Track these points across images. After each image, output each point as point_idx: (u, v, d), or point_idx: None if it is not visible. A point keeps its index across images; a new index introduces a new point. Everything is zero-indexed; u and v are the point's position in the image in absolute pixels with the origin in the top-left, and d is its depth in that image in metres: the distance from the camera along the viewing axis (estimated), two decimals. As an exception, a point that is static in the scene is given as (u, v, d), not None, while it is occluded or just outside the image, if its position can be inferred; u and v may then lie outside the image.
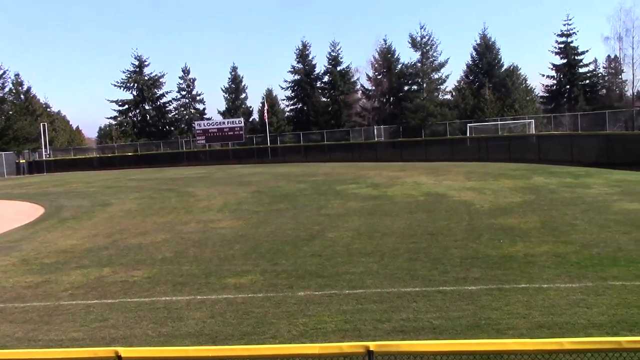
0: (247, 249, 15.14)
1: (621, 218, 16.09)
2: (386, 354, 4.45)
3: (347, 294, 10.55)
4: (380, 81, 69.25)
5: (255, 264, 13.33)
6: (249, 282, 11.78)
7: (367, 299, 10.15)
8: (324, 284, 11.27)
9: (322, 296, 10.51)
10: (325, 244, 15.14)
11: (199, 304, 10.51)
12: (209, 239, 16.81)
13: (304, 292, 10.85)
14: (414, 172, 34.04)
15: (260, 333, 8.84)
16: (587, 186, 23.19)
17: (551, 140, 41.21)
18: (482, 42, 68.15)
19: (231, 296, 10.88)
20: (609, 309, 8.89)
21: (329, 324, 9.06)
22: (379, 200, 22.70)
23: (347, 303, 10.02)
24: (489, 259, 12.41)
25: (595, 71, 69.61)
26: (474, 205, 20.08)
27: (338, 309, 9.72)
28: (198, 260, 14.20)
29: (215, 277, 12.41)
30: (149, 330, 9.32)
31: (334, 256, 13.63)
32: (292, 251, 14.48)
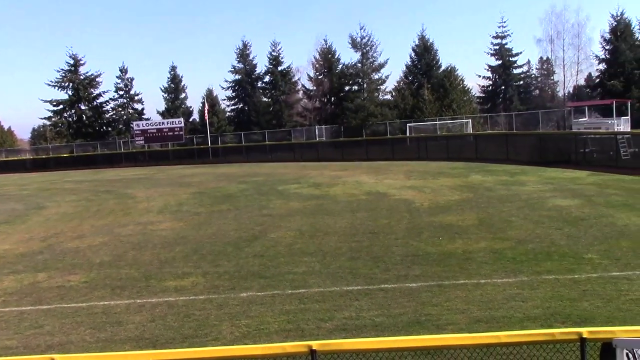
0: (188, 250, 14.94)
1: (554, 214, 16.65)
2: (329, 352, 4.47)
3: (289, 294, 10.55)
4: (321, 81, 69.51)
5: (197, 266, 13.17)
6: (190, 285, 11.63)
7: (310, 299, 10.18)
8: (267, 285, 11.24)
9: (264, 297, 10.47)
10: (268, 244, 15.09)
11: (139, 308, 10.31)
12: (149, 242, 16.51)
13: (246, 293, 10.79)
14: (355, 172, 34.31)
15: (202, 335, 8.74)
16: (522, 184, 23.89)
17: (488, 140, 42.26)
18: (421, 43, 69.29)
19: (172, 299, 10.71)
20: (543, 302, 9.19)
21: (272, 324, 9.04)
22: (321, 200, 22.78)
23: (290, 303, 10.02)
24: (429, 256, 12.64)
25: (528, 72, 71.88)
26: (414, 203, 20.39)
27: (281, 309, 9.70)
28: (137, 263, 13.92)
29: (155, 280, 12.19)
30: (87, 336, 9.09)
31: (276, 256, 13.60)
32: (234, 252, 14.37)
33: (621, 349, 3.95)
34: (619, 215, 15.94)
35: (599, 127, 41.27)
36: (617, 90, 61.40)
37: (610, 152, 29.83)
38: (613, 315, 8.40)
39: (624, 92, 60.71)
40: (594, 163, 29.77)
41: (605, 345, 4.15)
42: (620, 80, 63.40)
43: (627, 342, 3.95)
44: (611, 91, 61.46)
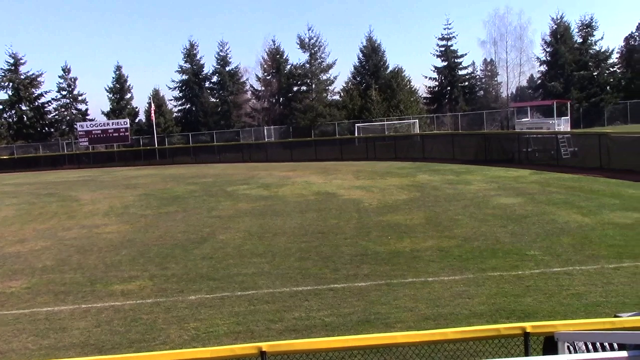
0: (135, 254, 14.67)
1: (499, 212, 17.04)
2: (279, 353, 4.46)
3: (239, 295, 10.49)
4: (269, 82, 69.31)
5: (144, 269, 12.94)
6: (137, 288, 11.42)
7: (260, 300, 10.14)
8: (216, 287, 11.14)
9: (213, 299, 10.38)
10: (216, 246, 14.96)
11: (84, 313, 10.07)
12: (94, 245, 16.13)
13: (195, 295, 10.67)
14: (304, 172, 34.34)
15: (150, 340, 8.60)
16: (467, 183, 24.36)
17: (434, 140, 42.94)
18: (369, 44, 69.86)
19: (118, 303, 10.50)
20: (489, 299, 9.40)
21: (221, 326, 8.97)
22: (270, 201, 22.72)
23: (239, 305, 9.96)
24: (378, 256, 12.76)
25: (473, 73, 73.32)
26: (362, 203, 20.55)
27: (230, 311, 9.64)
28: (82, 267, 13.59)
29: (101, 284, 11.93)
30: (29, 343, 8.82)
31: (225, 258, 13.50)
32: (182, 255, 14.20)
33: (562, 342, 4.07)
34: (560, 212, 16.43)
35: (541, 127, 42.45)
36: (557, 91, 63.30)
37: (552, 151, 30.74)
38: (555, 310, 8.65)
39: (563, 93, 62.63)
40: (536, 162, 30.62)
41: (548, 339, 4.27)
42: (560, 81, 65.37)
43: (568, 336, 4.07)
44: (552, 92, 63.32)
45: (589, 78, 65.84)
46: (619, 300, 8.81)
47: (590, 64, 67.42)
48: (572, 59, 66.03)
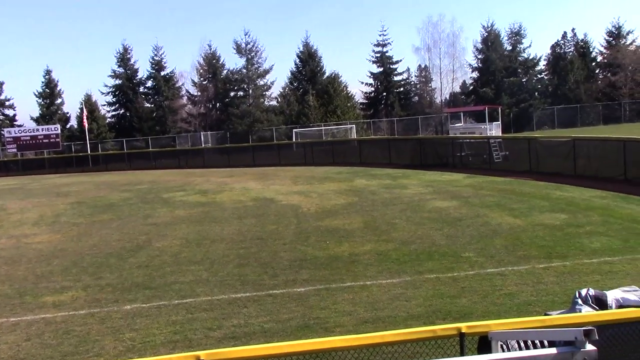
0: (67, 263, 14.22)
1: (434, 215, 17.38)
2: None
3: (176, 304, 10.31)
4: (205, 87, 68.67)
5: (77, 279, 12.56)
6: (69, 299, 11.07)
7: (198, 308, 10.00)
8: (152, 296, 10.92)
9: (150, 308, 10.17)
10: (153, 254, 14.67)
11: (13, 327, 9.68)
12: (23, 256, 15.55)
13: (130, 305, 10.43)
14: (242, 178, 34.12)
15: (83, 352, 8.35)
16: (404, 187, 24.74)
17: (371, 144, 43.45)
18: (305, 50, 70.17)
19: (50, 315, 10.15)
20: (426, 301, 9.56)
21: (158, 336, 8.79)
22: (208, 207, 22.46)
23: (176, 313, 9.79)
24: (317, 260, 12.79)
25: (408, 79, 74.71)
26: (301, 208, 20.58)
27: (167, 320, 9.46)
28: (11, 279, 13.07)
29: (30, 296, 11.50)
30: (-47, 360, 8.42)
31: (162, 266, 13.26)
32: (117, 263, 13.85)
33: (496, 341, 4.18)
34: (493, 215, 16.90)
35: (474, 131, 43.57)
36: (489, 97, 65.21)
37: (484, 155, 31.60)
38: (489, 310, 8.88)
39: (495, 98, 64.55)
40: (470, 166, 31.39)
41: (482, 339, 4.38)
42: (491, 87, 67.40)
43: (501, 335, 4.18)
44: (484, 98, 65.18)
45: (519, 84, 68.14)
46: (549, 299, 9.12)
47: (519, 70, 69.83)
48: (502, 66, 68.18)
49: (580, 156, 24.42)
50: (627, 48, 71.20)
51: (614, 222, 14.78)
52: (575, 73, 68.73)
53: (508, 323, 4.29)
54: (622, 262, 11.09)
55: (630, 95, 67.44)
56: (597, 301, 4.53)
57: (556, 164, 25.62)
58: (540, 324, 4.16)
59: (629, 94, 67.40)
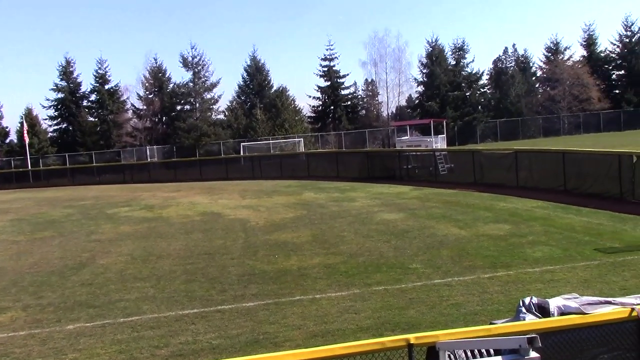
0: (5, 283, 13.71)
1: (382, 228, 17.53)
2: (163, 380, 4.31)
3: (121, 322, 10.07)
4: (151, 100, 67.78)
5: (16, 299, 12.12)
6: (8, 320, 10.66)
7: (144, 326, 9.79)
8: (96, 314, 10.63)
9: (94, 327, 9.89)
10: (97, 271, 14.31)
11: (-52, 350, 9.26)
12: (-41, 276, 14.92)
13: (73, 325, 10.12)
14: (189, 192, 33.71)
15: (24, 375, 8.05)
16: (352, 200, 24.89)
17: (319, 158, 43.64)
18: (253, 63, 70.14)
19: (-13, 337, 9.75)
20: (374, 313, 9.61)
21: (103, 356, 8.56)
22: (154, 222, 22.08)
23: (122, 332, 9.55)
24: (266, 275, 12.72)
25: (355, 93, 75.53)
26: (249, 222, 20.45)
27: (112, 339, 9.22)
28: (-55, 300, 12.51)
29: (-33, 317, 11.03)
30: None
31: (106, 284, 12.93)
32: (59, 282, 13.44)
33: (444, 351, 4.23)
34: (439, 226, 17.16)
35: (420, 144, 44.28)
36: (434, 110, 66.48)
37: (430, 167, 32.11)
38: (436, 320, 8.99)
39: (440, 112, 65.89)
40: (416, 178, 31.84)
41: (430, 349, 4.42)
42: (436, 101, 68.74)
43: (448, 345, 4.24)
44: (429, 111, 66.44)
45: (463, 98, 69.73)
46: (494, 308, 9.29)
47: (463, 84, 71.50)
48: (446, 80, 69.68)
49: (522, 168, 25.07)
50: (565, 63, 73.82)
51: (555, 232, 15.21)
52: (517, 87, 70.82)
53: (455, 333, 4.34)
54: (562, 270, 11.41)
55: (568, 109, 69.84)
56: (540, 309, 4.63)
57: (499, 175, 26.24)
58: (486, 333, 4.23)
59: (567, 107, 69.79)
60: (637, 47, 73.83)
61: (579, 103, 69.32)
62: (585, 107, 69.21)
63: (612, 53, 76.62)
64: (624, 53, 74.51)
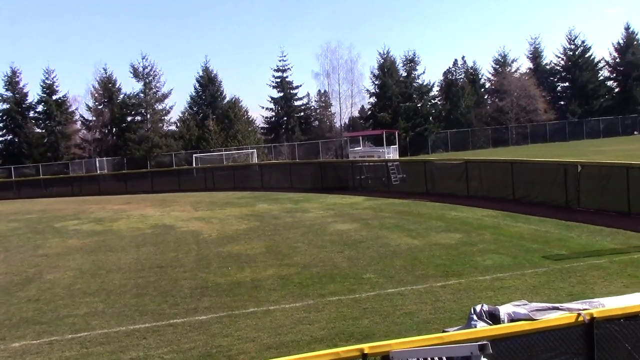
0: (-54, 300, 13.20)
1: (336, 238, 17.57)
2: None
3: (70, 338, 9.79)
4: (101, 111, 66.53)
5: (-42, 317, 11.67)
6: (-51, 339, 10.25)
7: (93, 342, 9.54)
8: (43, 331, 10.32)
9: (40, 344, 9.60)
10: (43, 286, 13.90)
11: None
12: None
13: (19, 342, 9.80)
14: (140, 205, 33.15)
15: (-35, 396, 7.75)
16: (305, 210, 24.89)
17: (272, 169, 43.50)
18: (205, 74, 69.66)
19: None
20: (328, 323, 9.60)
21: (50, 374, 8.30)
22: (104, 236, 21.63)
23: (70, 349, 9.29)
24: (219, 287, 12.58)
25: (308, 104, 75.82)
26: (202, 234, 20.23)
27: (60, 357, 8.97)
28: None
29: None
30: None
31: (53, 299, 12.58)
32: (3, 298, 13.00)
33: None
34: (392, 236, 17.30)
35: (372, 155, 44.74)
36: (386, 121, 67.21)
37: (383, 178, 32.39)
38: (390, 329, 9.04)
39: (392, 123, 66.64)
40: (369, 188, 32.06)
41: (384, 358, 4.44)
42: (388, 112, 69.54)
43: (402, 354, 4.26)
44: (381, 122, 67.13)
45: (414, 109, 70.74)
46: (447, 316, 9.40)
47: (414, 96, 72.58)
48: (398, 91, 70.62)
49: (473, 178, 25.53)
50: (512, 75, 75.77)
51: (504, 240, 15.52)
52: (466, 99, 72.28)
53: (408, 342, 4.38)
54: (512, 277, 11.64)
55: (516, 120, 71.63)
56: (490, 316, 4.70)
57: (450, 185, 26.65)
58: (439, 341, 4.28)
59: (515, 118, 71.57)
60: (580, 60, 76.41)
61: (526, 114, 71.16)
62: (532, 118, 71.11)
63: (557, 65, 79.15)
64: (568, 66, 77.01)
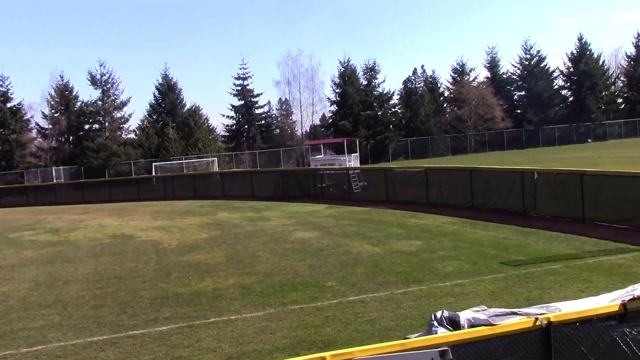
0: None
1: (297, 247, 17.54)
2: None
3: (25, 352, 9.54)
4: (57, 119, 65.30)
5: None
6: None
7: (49, 355, 9.32)
8: (-4, 345, 10.03)
9: (-6, 359, 9.33)
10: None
11: None
12: None
13: (-29, 357, 9.51)
14: (98, 214, 32.57)
15: None
16: (267, 219, 24.80)
17: (233, 177, 43.25)
18: (165, 82, 68.99)
19: None
20: (290, 332, 9.57)
21: (4, 389, 8.08)
22: (60, 246, 21.17)
23: (25, 363, 9.05)
24: (179, 297, 12.43)
25: (269, 112, 75.74)
26: (162, 244, 19.98)
27: (14, 371, 8.72)
28: None
29: None
30: None
31: (7, 312, 12.25)
32: (-46, 312, 12.60)
33: (359, 368, 4.26)
34: (354, 244, 17.36)
35: (333, 163, 44.87)
36: (347, 129, 67.58)
37: (344, 186, 32.49)
38: (352, 337, 9.05)
39: (353, 131, 67.05)
40: (331, 197, 32.12)
41: (346, 366, 4.44)
42: (349, 120, 69.96)
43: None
44: (342, 130, 67.47)
45: (375, 117, 71.35)
46: (408, 323, 9.46)
47: (375, 104, 73.23)
48: (359, 100, 71.14)
49: (432, 185, 25.80)
50: (470, 84, 77.07)
51: (464, 247, 15.72)
52: (426, 107, 73.22)
53: (370, 349, 4.38)
54: (471, 283, 11.79)
55: (474, 128, 72.83)
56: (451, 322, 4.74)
57: (411, 193, 26.87)
58: (401, 348, 4.29)
59: (473, 126, 72.76)
60: (535, 70, 78.18)
61: (484, 122, 72.42)
62: (490, 126, 72.40)
63: (514, 75, 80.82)
64: (524, 75, 78.71)
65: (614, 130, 76.98)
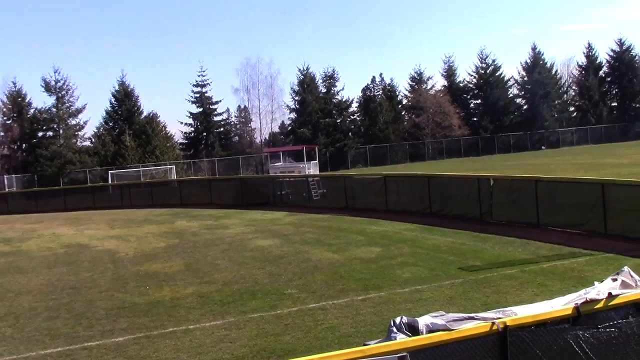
0: None
1: (257, 254, 17.46)
2: None
3: (-26, 367, 9.25)
4: (9, 127, 63.66)
5: None
6: None
7: (0, 369, 9.05)
8: (-56, 360, 9.69)
9: (-59, 375, 9.01)
10: (-55, 312, 13.07)
11: None
12: None
13: None
14: (52, 223, 31.81)
15: None
16: (226, 227, 24.61)
17: (192, 185, 42.80)
18: (121, 89, 67.96)
19: None
20: (250, 341, 9.50)
21: (-48, 405, 7.80)
22: (12, 257, 20.60)
23: (-26, 378, 8.77)
24: (136, 307, 12.22)
25: (228, 120, 75.31)
26: (118, 253, 19.63)
27: (-37, 386, 8.44)
28: None
29: None
30: None
31: (-44, 325, 11.85)
32: None
33: (318, 375, 4.25)
34: (313, 251, 17.36)
35: (293, 170, 44.85)
36: (306, 137, 67.67)
37: (304, 193, 32.49)
38: (312, 345, 9.04)
39: (312, 138, 67.18)
40: (290, 204, 32.07)
41: (305, 374, 4.43)
42: (308, 128, 70.09)
43: (323, 369, 4.26)
44: (301, 138, 67.53)
45: (334, 125, 71.65)
46: (368, 329, 9.49)
47: (334, 112, 73.54)
48: (318, 107, 71.34)
49: (391, 192, 26.01)
50: (428, 92, 78.07)
51: (422, 253, 15.88)
52: (384, 115, 73.84)
53: (329, 357, 4.38)
54: (430, 289, 11.91)
55: (432, 135, 73.79)
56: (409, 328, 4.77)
57: (370, 199, 27.04)
58: (361, 355, 4.30)
59: (431, 134, 73.71)
60: (491, 78, 79.73)
61: (441, 130, 73.42)
62: (447, 134, 73.45)
63: (470, 83, 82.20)
64: (480, 83, 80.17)
65: (567, 137, 79.00)
